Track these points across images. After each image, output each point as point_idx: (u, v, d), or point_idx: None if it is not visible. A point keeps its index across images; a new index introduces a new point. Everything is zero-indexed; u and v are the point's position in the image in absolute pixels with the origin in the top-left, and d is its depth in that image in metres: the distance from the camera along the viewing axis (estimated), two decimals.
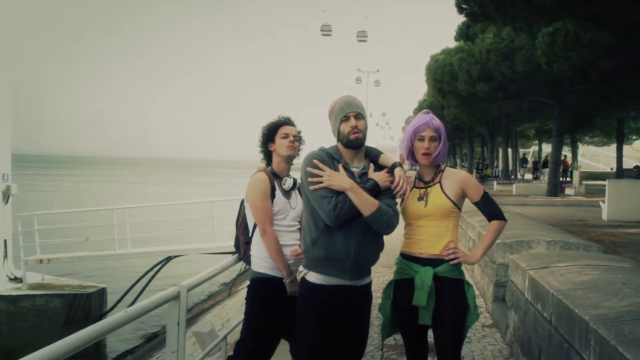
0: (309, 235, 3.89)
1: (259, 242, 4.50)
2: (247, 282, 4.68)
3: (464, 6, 15.30)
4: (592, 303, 4.29)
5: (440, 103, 40.01)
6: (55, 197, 46.53)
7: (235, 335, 4.85)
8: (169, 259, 17.04)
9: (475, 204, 4.03)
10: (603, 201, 17.21)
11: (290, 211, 4.54)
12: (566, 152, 56.03)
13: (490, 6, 13.91)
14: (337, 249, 3.80)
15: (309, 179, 3.82)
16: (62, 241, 17.60)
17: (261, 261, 4.50)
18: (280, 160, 4.59)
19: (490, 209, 4.04)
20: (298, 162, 4.52)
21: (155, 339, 15.22)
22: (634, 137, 62.57)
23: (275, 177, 4.57)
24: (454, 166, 78.61)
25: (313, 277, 3.88)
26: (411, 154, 4.13)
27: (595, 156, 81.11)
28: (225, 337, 5.07)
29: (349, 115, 3.89)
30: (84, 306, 15.86)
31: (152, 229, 18.72)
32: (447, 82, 32.80)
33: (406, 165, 4.19)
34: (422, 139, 3.99)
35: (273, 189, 4.49)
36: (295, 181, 4.58)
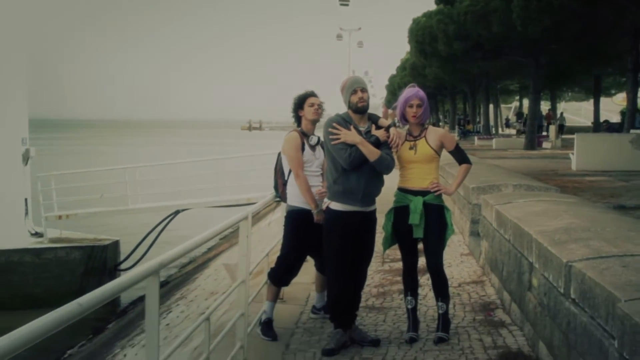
0: (331, 176, 5.46)
1: (293, 183, 6.04)
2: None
3: None
4: (537, 223, 5.87)
5: (423, 63, 41.38)
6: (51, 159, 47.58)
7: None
8: (176, 212, 18.43)
9: (450, 152, 5.65)
10: (572, 153, 18.83)
11: (315, 161, 6.07)
12: (548, 106, 57.61)
13: None
14: (351, 185, 5.38)
15: (330, 137, 5.37)
16: (79, 198, 18.92)
17: (295, 197, 6.06)
18: (307, 122, 6.11)
19: (460, 155, 5.67)
20: (320, 124, 6.08)
21: (165, 286, 16.66)
22: (614, 92, 64.15)
23: (304, 135, 6.09)
24: (437, 122, 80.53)
25: (335, 205, 5.45)
26: (403, 117, 5.70)
27: (577, 110, 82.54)
28: (267, 254, 6.63)
29: (357, 90, 5.46)
30: (101, 257, 17.23)
31: (160, 185, 20.19)
32: (428, 43, 34.04)
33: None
34: (411, 106, 5.56)
35: (303, 144, 6.02)
36: (318, 139, 6.11)
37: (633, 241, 4.82)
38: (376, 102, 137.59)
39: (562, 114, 51.72)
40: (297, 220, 6.05)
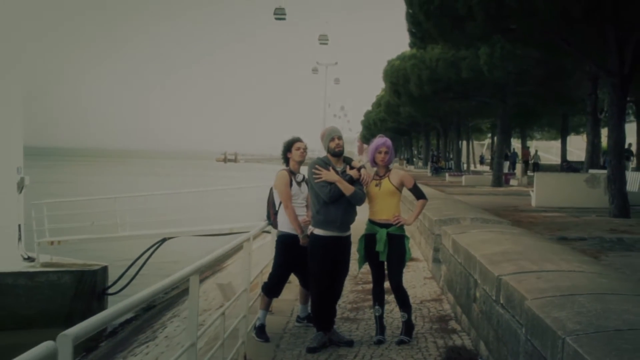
0: (314, 208, 6.78)
1: (282, 213, 7.36)
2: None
3: (414, 31, 18.39)
4: (482, 249, 7.20)
5: (396, 102, 43.17)
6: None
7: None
8: (163, 240, 19.49)
9: (410, 189, 7.02)
10: (532, 191, 20.30)
11: (301, 194, 7.39)
12: (518, 144, 59.30)
13: (434, 33, 16.91)
14: (331, 215, 6.70)
15: (314, 176, 6.69)
16: (70, 225, 19.89)
17: (284, 224, 7.37)
18: (294, 163, 7.45)
19: (417, 192, 7.03)
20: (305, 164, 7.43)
21: (153, 309, 17.64)
22: (582, 130, 66.08)
23: (292, 173, 7.42)
24: (411, 158, 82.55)
25: (318, 231, 6.77)
26: (373, 160, 7.05)
27: (548, 149, 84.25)
28: (261, 271, 7.92)
29: (334, 137, 6.84)
30: (91, 281, 18.13)
31: (148, 214, 21.26)
32: (401, 84, 35.90)
33: (365, 159, 7.22)
34: (380, 152, 6.93)
35: (291, 181, 7.34)
36: (303, 176, 7.43)
37: (552, 262, 6.16)
38: (352, 136, 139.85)
39: (537, 152, 53.07)
40: (285, 244, 7.37)
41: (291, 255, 7.32)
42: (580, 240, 11.18)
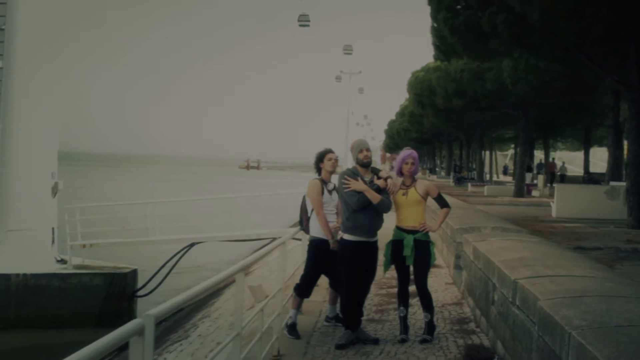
0: (344, 215, 7.30)
1: (314, 219, 7.89)
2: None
3: (438, 44, 18.96)
4: (501, 255, 7.68)
5: (420, 113, 43.69)
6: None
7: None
8: (192, 245, 20.00)
9: (434, 199, 7.53)
10: (553, 201, 20.68)
11: (332, 202, 7.92)
12: (542, 155, 59.50)
13: (458, 48, 17.49)
14: (360, 221, 7.20)
15: (343, 186, 7.21)
16: (102, 229, 20.46)
17: (316, 230, 7.90)
18: (326, 173, 7.98)
19: (442, 201, 7.54)
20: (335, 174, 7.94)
21: (181, 312, 18.14)
22: (605, 142, 66.14)
23: (323, 182, 7.95)
24: (433, 167, 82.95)
25: (347, 237, 7.28)
26: (399, 171, 7.56)
27: (572, 160, 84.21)
28: (294, 273, 8.44)
29: (363, 149, 7.36)
30: (121, 284, 18.67)
31: (177, 219, 21.83)
32: (426, 96, 36.50)
33: (393, 173, 7.72)
34: (407, 163, 7.44)
35: (322, 189, 7.86)
36: (334, 185, 7.95)
37: (565, 267, 6.64)
38: (375, 145, 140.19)
39: (563, 163, 53.01)
40: (317, 248, 7.90)
41: (322, 258, 7.84)
42: (596, 249, 11.61)
